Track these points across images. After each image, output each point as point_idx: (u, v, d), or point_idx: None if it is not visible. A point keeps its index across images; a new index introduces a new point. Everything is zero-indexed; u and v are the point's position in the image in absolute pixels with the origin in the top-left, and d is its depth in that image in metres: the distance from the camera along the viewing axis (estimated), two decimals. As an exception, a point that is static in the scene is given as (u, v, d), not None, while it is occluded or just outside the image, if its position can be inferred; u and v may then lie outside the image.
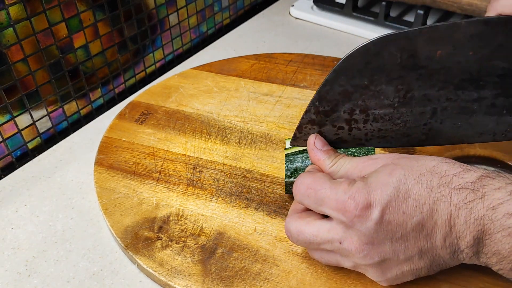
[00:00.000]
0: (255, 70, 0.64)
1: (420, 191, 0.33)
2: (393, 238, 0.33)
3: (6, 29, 0.48)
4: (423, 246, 0.33)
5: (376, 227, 0.33)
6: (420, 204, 0.32)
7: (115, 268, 0.42)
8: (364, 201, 0.33)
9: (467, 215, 0.32)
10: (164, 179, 0.48)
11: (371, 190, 0.33)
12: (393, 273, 0.35)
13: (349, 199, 0.33)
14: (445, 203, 0.32)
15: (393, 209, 0.32)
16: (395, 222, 0.33)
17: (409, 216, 0.32)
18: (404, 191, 0.33)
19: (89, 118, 0.61)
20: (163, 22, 0.67)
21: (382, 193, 0.33)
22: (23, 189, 0.50)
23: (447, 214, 0.32)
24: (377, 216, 0.32)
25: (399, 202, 0.33)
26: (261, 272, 0.39)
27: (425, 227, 0.32)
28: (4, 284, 0.41)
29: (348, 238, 0.34)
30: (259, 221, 0.44)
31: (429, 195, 0.32)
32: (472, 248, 0.32)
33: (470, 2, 0.64)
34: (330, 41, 0.73)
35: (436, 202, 0.32)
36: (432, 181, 0.33)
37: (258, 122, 0.55)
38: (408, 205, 0.32)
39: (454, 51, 0.34)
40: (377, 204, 0.33)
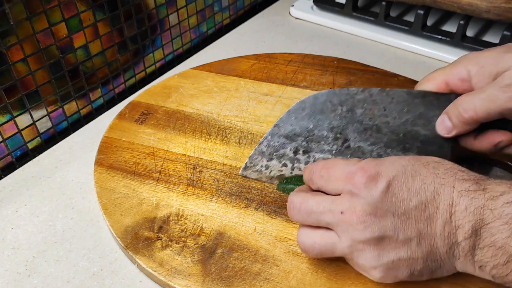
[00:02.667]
0: (255, 70, 0.64)
1: (427, 174, 0.34)
2: (395, 212, 0.33)
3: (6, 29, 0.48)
4: (422, 229, 0.33)
5: (381, 196, 0.33)
6: (426, 184, 0.33)
7: (115, 268, 0.42)
8: (373, 171, 0.34)
9: (468, 203, 0.32)
10: (164, 179, 0.48)
11: (380, 163, 0.35)
12: (389, 258, 0.34)
13: (358, 169, 0.35)
14: (449, 188, 0.33)
15: (400, 183, 0.33)
16: (400, 196, 0.33)
17: (414, 193, 0.33)
18: (411, 170, 0.34)
19: (89, 118, 0.61)
20: (163, 22, 0.67)
21: (390, 167, 0.34)
22: (23, 189, 0.50)
23: (449, 200, 0.33)
24: (383, 186, 0.33)
25: (406, 178, 0.34)
26: (261, 272, 0.39)
27: (428, 209, 0.33)
28: (4, 284, 0.41)
29: (351, 207, 0.34)
30: (259, 221, 0.44)
31: (434, 179, 0.33)
32: (469, 240, 0.32)
33: (470, 2, 0.64)
34: (330, 41, 0.73)
35: (441, 186, 0.33)
36: (438, 168, 0.34)
37: (258, 122, 0.55)
38: (414, 183, 0.33)
39: (384, 112, 0.41)
40: (385, 175, 0.34)
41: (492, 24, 0.73)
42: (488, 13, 0.63)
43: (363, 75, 0.62)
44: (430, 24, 0.72)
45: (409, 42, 0.70)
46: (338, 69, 0.64)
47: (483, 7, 0.63)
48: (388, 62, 0.68)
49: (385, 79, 0.62)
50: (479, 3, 0.63)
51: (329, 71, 0.64)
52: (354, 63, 0.65)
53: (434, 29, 0.70)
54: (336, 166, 0.36)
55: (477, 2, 0.63)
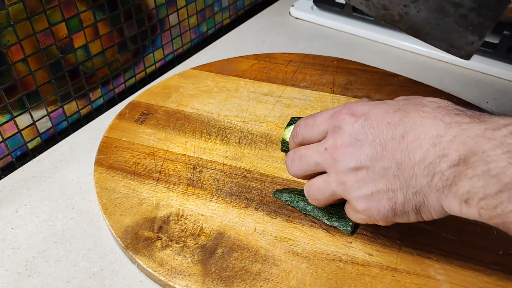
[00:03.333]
0: (255, 70, 0.64)
1: (413, 110, 0.34)
2: (372, 143, 0.34)
3: (6, 29, 0.48)
4: (399, 159, 0.33)
5: (359, 127, 0.35)
6: (407, 118, 0.33)
7: (115, 268, 0.42)
8: (355, 108, 0.36)
9: (457, 133, 0.31)
10: (164, 179, 0.48)
11: (365, 103, 0.36)
12: (368, 188, 0.35)
13: (343, 107, 0.37)
14: (434, 120, 0.32)
15: (379, 116, 0.34)
16: (377, 129, 0.34)
17: (392, 126, 0.34)
18: (395, 108, 0.34)
19: (89, 118, 0.61)
20: (163, 22, 0.67)
21: (374, 105, 0.36)
22: (23, 189, 0.50)
23: (434, 131, 0.32)
24: (362, 119, 0.35)
25: (387, 113, 0.34)
26: (261, 272, 0.39)
27: (405, 139, 0.33)
28: (4, 284, 0.41)
29: (333, 142, 0.36)
30: (259, 221, 0.44)
31: (419, 113, 0.33)
32: (455, 169, 0.30)
33: None
34: (330, 41, 0.74)
35: (423, 119, 0.33)
36: (429, 105, 0.34)
37: (258, 122, 0.55)
38: (395, 117, 0.34)
39: None
40: (365, 111, 0.35)
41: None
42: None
43: (363, 75, 0.62)
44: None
45: (409, 42, 0.70)
46: (338, 69, 0.64)
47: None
48: (388, 62, 0.68)
49: (385, 79, 0.62)
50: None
51: (329, 71, 0.64)
52: (354, 63, 0.65)
53: (434, 29, 0.70)
54: (321, 113, 0.39)
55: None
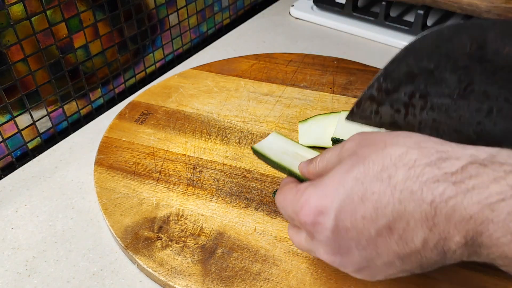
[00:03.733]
0: (255, 70, 0.64)
1: (381, 190, 0.28)
2: (358, 246, 0.29)
3: (6, 29, 0.48)
4: (399, 251, 0.28)
5: (333, 236, 0.29)
6: (382, 206, 0.28)
7: (115, 268, 0.42)
8: (315, 210, 0.30)
9: (449, 213, 0.26)
10: (164, 179, 0.48)
11: (323, 196, 0.30)
12: (380, 276, 0.31)
13: (302, 206, 0.31)
14: (415, 201, 0.27)
15: (349, 215, 0.29)
16: (355, 229, 0.29)
17: (371, 221, 0.28)
18: (361, 192, 0.28)
19: (89, 118, 0.61)
20: (163, 22, 0.67)
21: (334, 197, 0.29)
22: (23, 189, 0.50)
23: (421, 214, 0.27)
24: (331, 224, 0.29)
25: (354, 205, 0.28)
26: (261, 272, 0.39)
27: (395, 231, 0.28)
28: (4, 284, 0.41)
29: (316, 249, 0.32)
30: (259, 221, 0.44)
31: (392, 193, 0.27)
32: (465, 248, 0.27)
33: (470, 2, 0.64)
34: (330, 41, 0.73)
35: (402, 202, 0.27)
36: (396, 176, 0.27)
37: (258, 122, 0.55)
38: (367, 208, 0.28)
39: None
40: (330, 210, 0.29)
41: (492, 24, 0.73)
42: (488, 13, 0.63)
43: (363, 75, 0.62)
44: (430, 24, 0.72)
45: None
46: (338, 69, 0.64)
47: (483, 7, 0.63)
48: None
49: (385, 79, 0.62)
50: (479, 3, 0.63)
51: (329, 71, 0.63)
52: (354, 63, 0.65)
53: (434, 29, 0.70)
54: (287, 197, 0.33)
55: (477, 2, 0.63)
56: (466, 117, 0.38)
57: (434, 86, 0.37)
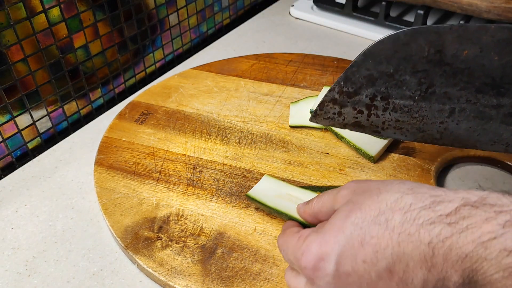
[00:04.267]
0: (255, 70, 0.64)
1: (379, 234, 0.29)
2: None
3: (6, 29, 0.48)
4: None
5: (334, 281, 0.30)
6: (381, 249, 0.28)
7: (115, 268, 0.42)
8: (316, 256, 0.31)
9: (446, 253, 0.27)
10: (164, 179, 0.48)
11: (324, 242, 0.31)
12: None
13: (303, 253, 0.32)
14: (413, 243, 0.27)
15: (349, 259, 0.29)
16: (356, 274, 0.29)
17: (371, 264, 0.29)
18: (360, 237, 0.29)
19: (89, 118, 0.61)
20: (163, 22, 0.67)
21: (334, 244, 0.30)
22: (23, 189, 0.50)
23: (419, 255, 0.27)
24: (332, 269, 0.30)
25: (355, 250, 0.29)
26: (261, 272, 0.39)
27: (395, 273, 0.28)
28: (4, 284, 0.41)
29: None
30: (259, 221, 0.44)
31: (390, 236, 0.28)
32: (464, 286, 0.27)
33: (470, 2, 0.64)
34: (330, 41, 0.73)
35: (400, 244, 0.28)
36: (393, 219, 0.29)
37: (258, 122, 0.55)
38: (367, 252, 0.29)
39: (480, 53, 0.34)
40: (330, 256, 0.30)
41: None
42: (488, 13, 0.63)
43: (363, 75, 0.62)
44: (430, 24, 0.72)
45: (409, 42, 0.70)
46: (338, 69, 0.64)
47: (483, 7, 0.63)
48: (388, 62, 0.68)
49: (385, 79, 0.62)
50: (479, 3, 0.63)
51: (329, 71, 0.63)
52: (354, 63, 0.65)
53: (434, 29, 0.70)
54: (288, 241, 0.34)
55: (477, 2, 0.63)
56: (428, 117, 0.38)
57: (395, 88, 0.37)
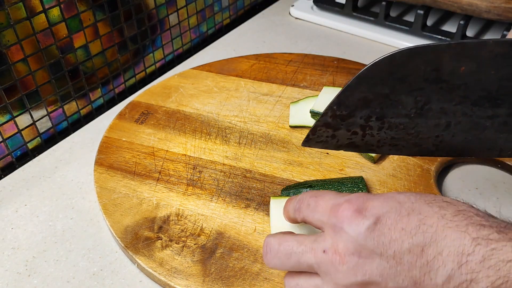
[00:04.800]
0: (255, 70, 0.64)
1: (429, 213, 0.28)
2: (383, 254, 0.28)
3: (6, 29, 0.48)
4: (418, 278, 0.28)
5: (366, 233, 0.29)
6: (426, 225, 0.28)
7: (115, 268, 0.42)
8: (361, 205, 0.30)
9: (487, 254, 0.26)
10: (164, 179, 0.48)
11: (371, 198, 0.30)
12: None
13: (345, 202, 0.31)
14: (459, 233, 0.27)
15: (390, 221, 0.29)
16: (389, 236, 0.28)
17: (408, 235, 0.28)
18: (409, 208, 0.29)
19: (89, 118, 0.61)
20: (163, 22, 0.67)
21: (382, 203, 0.30)
22: (23, 189, 0.50)
23: (459, 247, 0.26)
24: (370, 222, 0.29)
25: (400, 216, 0.29)
26: (261, 272, 0.39)
27: (425, 254, 0.27)
28: (4, 284, 0.41)
29: (334, 245, 0.30)
30: (259, 221, 0.44)
31: (439, 220, 0.28)
32: None
33: (470, 2, 0.64)
34: (330, 41, 0.73)
35: (445, 229, 0.27)
36: (447, 209, 0.28)
37: (258, 122, 0.55)
38: (410, 222, 0.28)
39: (477, 68, 0.34)
40: (374, 210, 0.29)
41: (492, 24, 0.73)
42: (488, 13, 0.63)
43: (363, 75, 0.62)
44: (430, 24, 0.72)
45: (409, 42, 0.70)
46: (338, 69, 0.64)
47: (483, 7, 0.63)
48: (388, 62, 0.68)
49: (385, 79, 0.62)
50: (479, 3, 0.63)
51: (329, 71, 0.64)
52: (354, 63, 0.65)
53: (434, 29, 0.70)
54: (326, 196, 0.33)
55: (477, 2, 0.63)
56: (424, 132, 0.38)
57: (390, 108, 0.36)
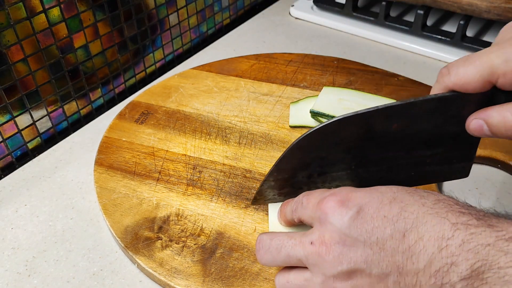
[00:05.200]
0: (255, 70, 0.64)
1: (410, 201, 0.30)
2: (366, 241, 0.30)
3: (6, 29, 0.48)
4: (401, 262, 0.29)
5: (349, 222, 0.30)
6: (407, 212, 0.29)
7: (115, 268, 0.42)
8: (344, 196, 0.31)
9: (466, 238, 0.27)
10: (164, 179, 0.48)
11: (354, 190, 0.32)
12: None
13: (329, 195, 0.32)
14: (439, 219, 0.28)
15: (373, 209, 0.30)
16: (372, 224, 0.30)
17: (390, 221, 0.29)
18: (391, 197, 0.31)
19: (89, 118, 0.61)
20: (163, 22, 0.67)
21: (365, 193, 0.31)
22: (23, 189, 0.50)
23: (439, 232, 0.28)
24: (353, 212, 0.30)
25: (381, 204, 0.30)
26: (261, 272, 0.39)
27: (407, 239, 0.29)
28: (4, 284, 0.41)
29: (320, 236, 0.31)
30: (259, 221, 0.44)
31: (419, 208, 0.29)
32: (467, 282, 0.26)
33: (470, 2, 0.64)
34: (330, 41, 0.74)
35: (425, 216, 0.29)
36: (427, 198, 0.30)
37: (258, 122, 0.55)
38: (392, 209, 0.30)
39: (410, 123, 0.35)
40: (357, 200, 0.31)
41: (492, 24, 0.73)
42: (488, 13, 0.63)
43: (363, 75, 0.62)
44: (430, 24, 0.72)
45: (409, 42, 0.70)
46: (338, 69, 0.64)
47: (483, 7, 0.63)
48: (388, 62, 0.68)
49: (385, 79, 0.62)
50: (479, 3, 0.63)
51: (329, 71, 0.64)
52: (354, 63, 0.65)
53: (434, 29, 0.70)
54: (316, 193, 0.34)
55: (477, 2, 0.63)
56: (367, 177, 0.38)
57: (329, 166, 0.38)
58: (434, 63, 0.68)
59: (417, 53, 0.70)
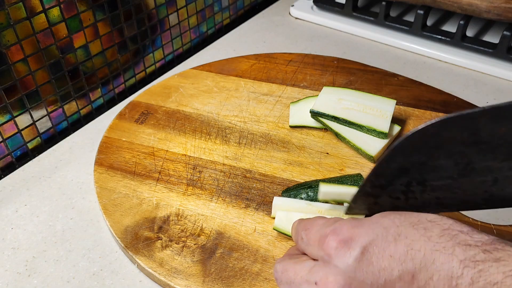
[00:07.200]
0: (255, 70, 0.64)
1: (416, 237, 0.29)
2: (374, 284, 0.28)
3: (6, 29, 0.48)
4: None
5: (354, 264, 0.29)
6: (414, 250, 0.28)
7: (115, 268, 0.42)
8: (346, 234, 0.30)
9: (475, 276, 0.26)
10: (164, 179, 0.48)
11: (357, 225, 0.30)
12: None
13: (330, 232, 0.31)
14: (447, 255, 0.27)
15: (378, 249, 0.29)
16: (378, 265, 0.28)
17: (397, 262, 0.28)
18: (395, 233, 0.29)
19: (89, 118, 0.61)
20: (163, 22, 0.67)
21: (368, 230, 0.30)
22: (23, 189, 0.50)
23: (448, 270, 0.27)
24: (357, 252, 0.29)
25: (386, 243, 0.29)
26: (261, 272, 0.39)
27: (416, 280, 0.27)
28: (4, 284, 0.41)
29: (324, 277, 0.30)
30: (259, 221, 0.44)
31: (426, 243, 0.28)
32: None
33: (470, 2, 0.64)
34: (330, 41, 0.74)
35: (433, 252, 0.28)
36: (432, 230, 0.29)
37: (258, 122, 0.55)
38: (398, 248, 0.28)
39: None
40: (360, 239, 0.29)
41: (492, 24, 0.73)
42: (488, 13, 0.63)
43: (363, 75, 0.62)
44: (430, 24, 0.72)
45: (409, 42, 0.70)
46: (338, 69, 0.64)
47: (483, 7, 0.63)
48: (388, 62, 0.68)
49: (385, 79, 0.62)
50: (479, 3, 0.63)
51: (329, 71, 0.64)
52: (354, 63, 0.65)
53: (434, 29, 0.70)
54: (314, 227, 0.33)
55: (477, 2, 0.63)
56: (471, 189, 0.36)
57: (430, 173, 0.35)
58: (434, 63, 0.68)
59: (417, 53, 0.70)
